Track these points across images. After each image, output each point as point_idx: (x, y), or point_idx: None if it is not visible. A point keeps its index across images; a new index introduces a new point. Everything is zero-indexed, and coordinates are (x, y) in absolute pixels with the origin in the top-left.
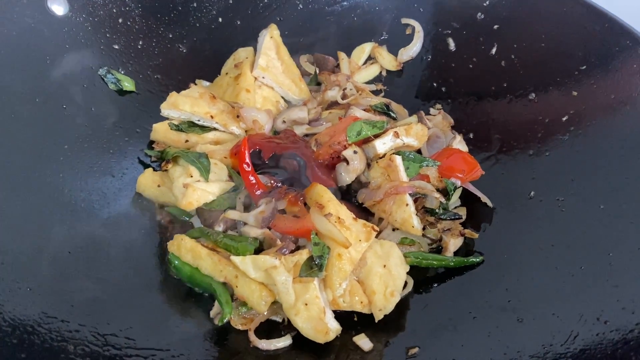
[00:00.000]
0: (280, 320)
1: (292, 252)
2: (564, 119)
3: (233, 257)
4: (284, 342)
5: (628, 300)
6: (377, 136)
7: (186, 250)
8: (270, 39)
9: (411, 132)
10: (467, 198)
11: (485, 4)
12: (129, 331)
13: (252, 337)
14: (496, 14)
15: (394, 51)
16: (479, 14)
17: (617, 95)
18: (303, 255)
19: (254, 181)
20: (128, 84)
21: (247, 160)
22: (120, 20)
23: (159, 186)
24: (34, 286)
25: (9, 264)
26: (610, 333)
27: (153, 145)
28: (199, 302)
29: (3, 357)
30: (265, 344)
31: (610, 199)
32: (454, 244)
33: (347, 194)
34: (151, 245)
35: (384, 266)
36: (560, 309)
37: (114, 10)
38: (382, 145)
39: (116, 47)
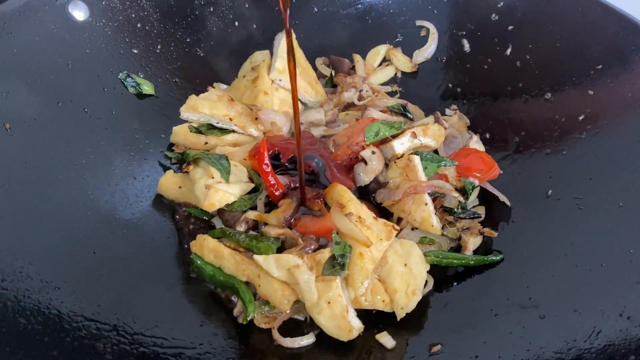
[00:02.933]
0: (303, 319)
1: (314, 251)
2: (581, 118)
3: (256, 256)
4: (308, 339)
5: None
6: (394, 137)
7: (209, 250)
8: None
9: (428, 133)
10: (485, 197)
11: (499, 5)
12: (155, 330)
13: (276, 335)
14: (511, 14)
15: (408, 53)
16: (494, 15)
17: (634, 94)
18: (325, 254)
19: (273, 182)
20: (147, 88)
21: (267, 161)
22: (139, 25)
23: (180, 187)
24: (61, 285)
25: (37, 264)
26: (634, 328)
27: (173, 148)
28: (221, 302)
29: (37, 354)
30: (290, 342)
31: (629, 196)
32: (473, 242)
33: (365, 195)
34: (172, 246)
35: (405, 265)
36: (582, 305)
37: (133, 16)
38: (400, 145)
39: (135, 51)
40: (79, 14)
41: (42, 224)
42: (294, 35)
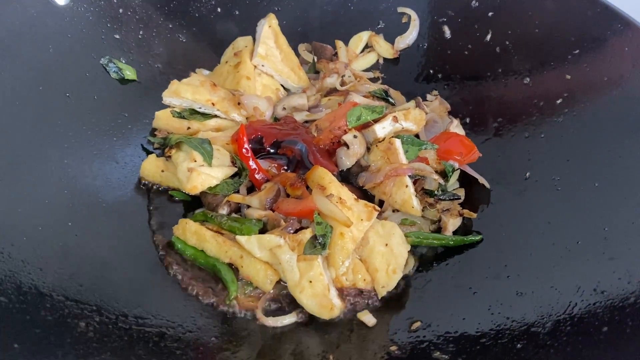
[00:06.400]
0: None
1: (296, 231)
2: (558, 101)
3: (238, 237)
4: (290, 319)
5: (623, 271)
6: (376, 121)
7: (191, 233)
8: (269, 28)
9: (409, 117)
10: (465, 180)
11: None
12: (137, 310)
13: (259, 314)
14: (490, 1)
15: (390, 39)
16: (474, 1)
17: (609, 78)
18: (306, 234)
19: (254, 166)
20: (130, 73)
21: (246, 146)
22: (120, 10)
23: (162, 171)
24: (44, 267)
25: (19, 245)
26: (607, 302)
27: (155, 133)
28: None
29: (18, 331)
30: (272, 321)
31: (604, 176)
32: (452, 223)
33: (348, 178)
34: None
35: (386, 245)
36: (559, 281)
37: (115, 1)
38: (382, 129)
39: (117, 36)
40: None
41: (24, 207)
42: (276, 21)
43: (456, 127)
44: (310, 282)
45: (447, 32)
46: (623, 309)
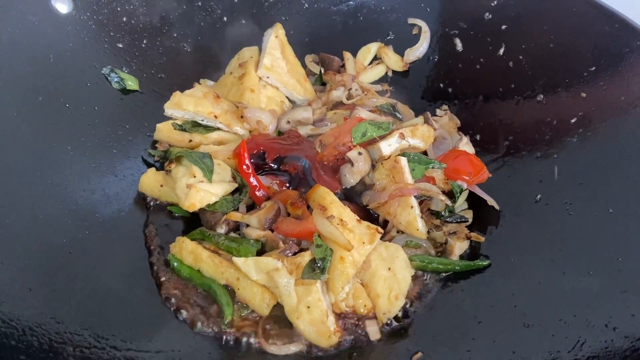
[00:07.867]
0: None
1: (295, 254)
2: (573, 120)
3: (235, 259)
4: (296, 347)
5: (638, 306)
6: (382, 137)
7: (187, 252)
8: (276, 38)
9: (417, 134)
10: (474, 201)
11: (493, 4)
12: (130, 334)
13: (261, 340)
14: (504, 14)
15: (400, 51)
16: (487, 14)
17: (627, 97)
18: (305, 257)
19: (255, 183)
20: (132, 83)
21: (247, 162)
22: (124, 19)
23: (161, 186)
24: (33, 287)
25: (9, 263)
26: (619, 340)
27: (156, 145)
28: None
29: (1, 358)
30: (276, 349)
31: (619, 202)
32: (459, 247)
33: (352, 196)
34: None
35: (389, 269)
36: (568, 314)
37: (118, 9)
38: (388, 146)
39: (120, 45)
40: (62, 6)
41: (16, 222)
42: (283, 32)
43: (466, 144)
44: (308, 307)
45: (459, 45)
46: (636, 350)
